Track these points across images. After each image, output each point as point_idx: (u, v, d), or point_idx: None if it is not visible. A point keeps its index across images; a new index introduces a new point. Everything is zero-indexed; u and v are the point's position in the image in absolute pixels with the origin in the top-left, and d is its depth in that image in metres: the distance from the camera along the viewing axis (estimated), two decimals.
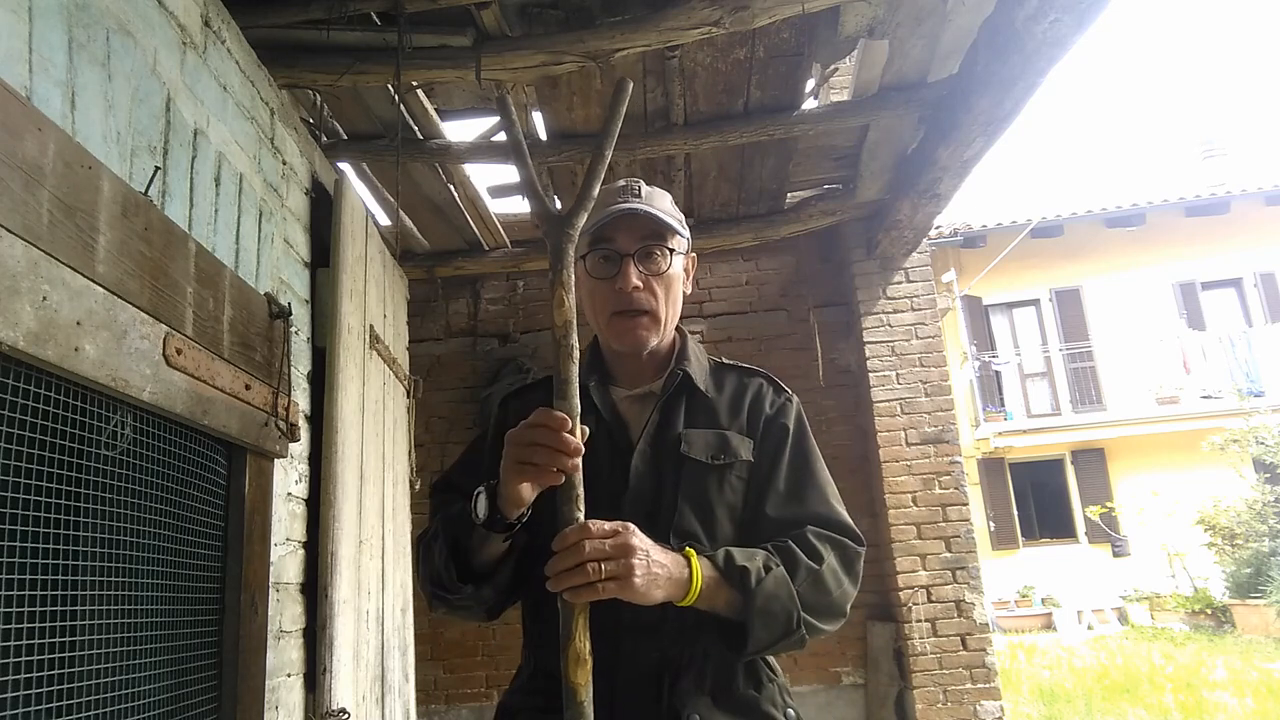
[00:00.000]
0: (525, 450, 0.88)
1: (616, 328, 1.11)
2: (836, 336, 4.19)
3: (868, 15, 2.56)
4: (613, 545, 0.87)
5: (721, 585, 0.95)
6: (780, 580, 0.97)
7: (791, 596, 0.97)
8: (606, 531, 0.88)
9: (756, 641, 0.96)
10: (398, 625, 2.86)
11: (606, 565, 0.86)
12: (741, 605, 0.95)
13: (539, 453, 0.87)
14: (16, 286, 1.05)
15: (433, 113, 3.03)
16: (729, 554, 0.97)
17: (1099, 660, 7.57)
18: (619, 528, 0.89)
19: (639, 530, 0.91)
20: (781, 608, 0.96)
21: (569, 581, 0.86)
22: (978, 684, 3.63)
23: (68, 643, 1.17)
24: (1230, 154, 15.48)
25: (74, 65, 1.31)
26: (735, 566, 0.95)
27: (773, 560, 0.99)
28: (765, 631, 0.96)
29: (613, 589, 0.86)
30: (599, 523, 0.89)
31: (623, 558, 0.87)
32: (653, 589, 0.89)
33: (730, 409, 1.14)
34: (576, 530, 0.87)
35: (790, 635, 0.97)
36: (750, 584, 0.94)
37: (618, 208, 1.08)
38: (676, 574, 0.92)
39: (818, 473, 1.12)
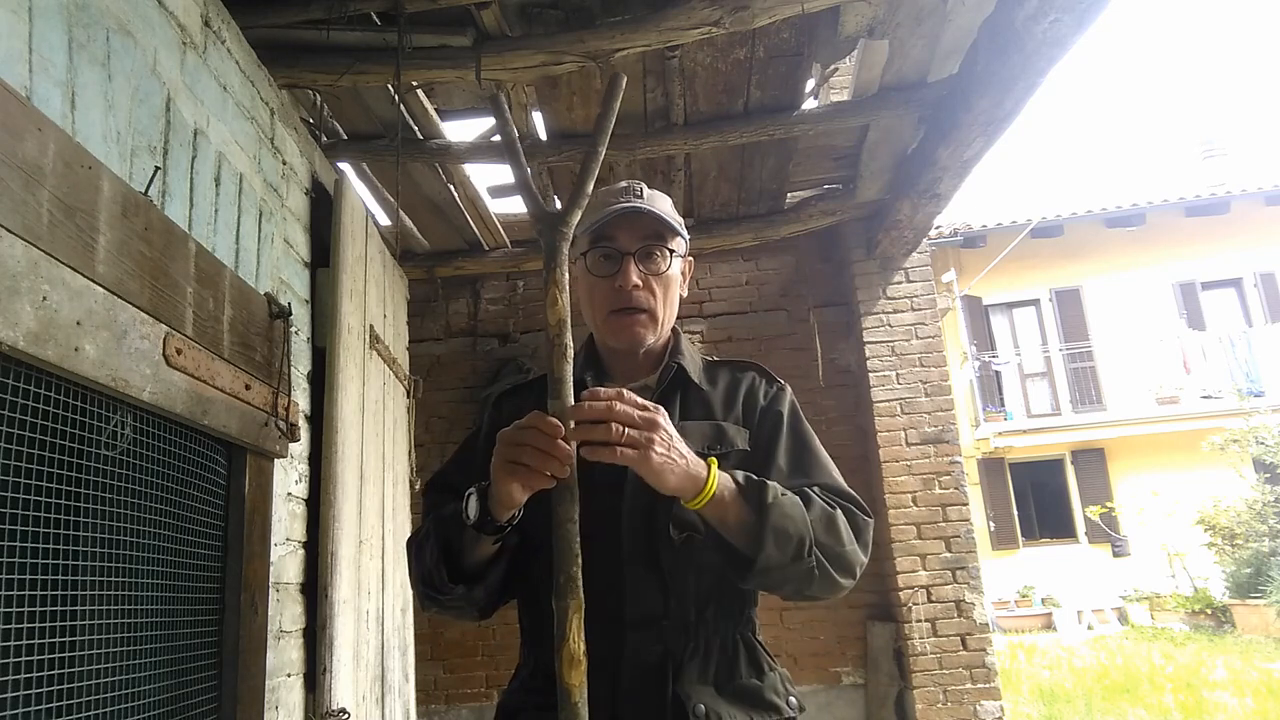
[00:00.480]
0: (516, 451, 0.87)
1: (614, 325, 1.12)
2: (836, 336, 4.18)
3: (868, 15, 2.56)
4: (641, 417, 0.88)
5: (736, 498, 0.94)
6: (796, 504, 0.96)
7: (805, 522, 0.96)
8: (639, 404, 0.88)
9: (767, 558, 0.92)
10: (398, 625, 2.86)
11: (630, 431, 0.86)
12: (755, 520, 0.93)
13: (529, 454, 0.86)
14: (16, 286, 1.05)
15: (433, 113, 3.03)
16: (747, 474, 0.97)
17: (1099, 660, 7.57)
18: (652, 406, 0.90)
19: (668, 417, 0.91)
20: (795, 529, 0.94)
21: (590, 435, 0.86)
22: (978, 684, 3.63)
23: (68, 643, 1.17)
24: (1230, 154, 15.48)
25: (74, 65, 1.31)
26: (753, 482, 0.96)
27: (791, 492, 0.99)
28: (777, 549, 0.93)
29: (630, 456, 0.86)
30: (633, 395, 0.89)
31: (648, 430, 0.87)
32: (667, 473, 0.89)
33: (725, 401, 1.15)
34: (612, 392, 0.88)
35: (800, 561, 0.95)
36: (766, 499, 0.94)
37: (620, 206, 1.09)
38: (695, 469, 0.92)
39: (816, 449, 1.13)
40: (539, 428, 0.86)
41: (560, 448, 0.85)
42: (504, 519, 0.94)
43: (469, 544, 0.98)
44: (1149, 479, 11.90)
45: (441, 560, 1.00)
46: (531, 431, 0.86)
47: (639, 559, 1.03)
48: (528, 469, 0.86)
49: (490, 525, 0.94)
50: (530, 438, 0.86)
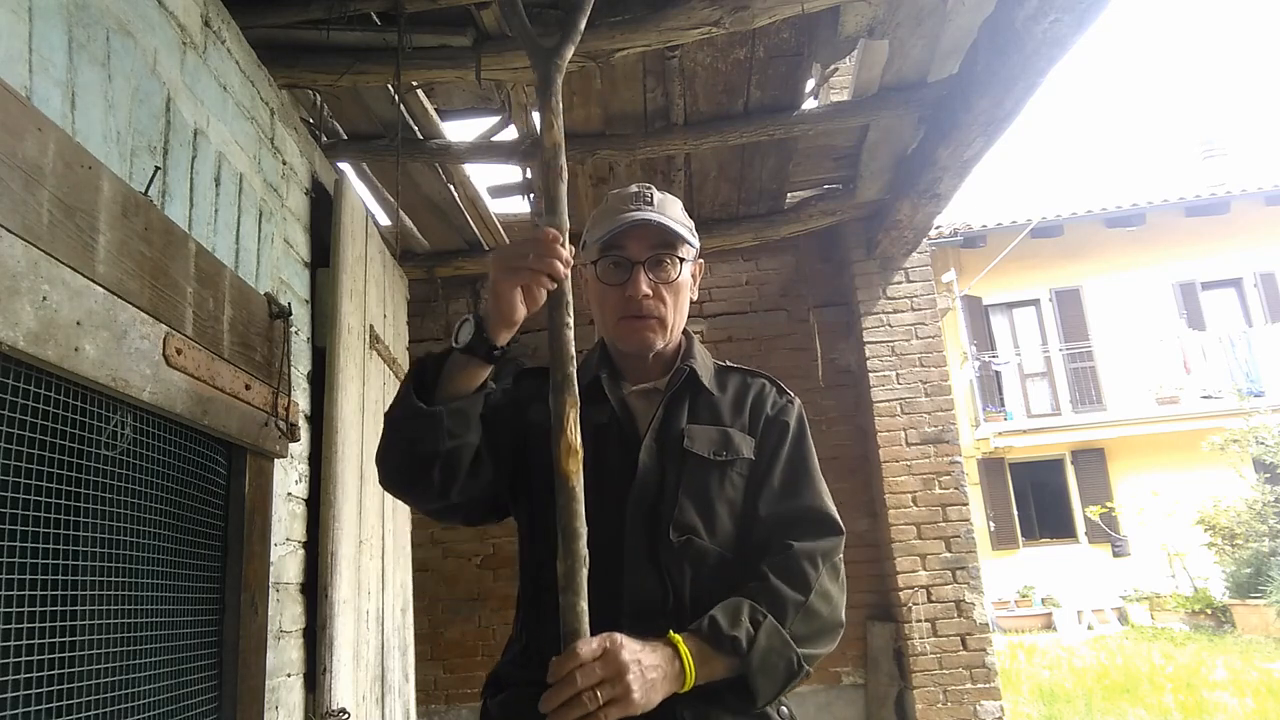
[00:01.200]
0: (516, 257, 0.91)
1: (624, 329, 1.13)
2: (836, 336, 4.18)
3: (868, 15, 2.56)
4: (603, 668, 0.86)
5: (715, 658, 0.95)
6: (772, 631, 0.97)
7: (786, 644, 0.97)
8: (595, 652, 0.87)
9: (764, 697, 0.97)
10: (398, 625, 2.86)
11: (602, 690, 0.86)
12: (740, 669, 0.95)
13: (529, 258, 0.90)
14: (16, 286, 1.05)
15: (433, 113, 3.03)
16: (714, 623, 0.96)
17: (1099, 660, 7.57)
18: (606, 645, 0.88)
19: (623, 639, 0.90)
20: (780, 658, 0.97)
21: (569, 716, 0.85)
22: (978, 684, 3.63)
23: (68, 643, 1.17)
24: (1230, 154, 15.47)
25: (74, 65, 1.31)
26: (725, 637, 0.95)
27: (759, 612, 0.98)
28: (770, 686, 0.97)
29: (614, 712, 0.86)
30: (586, 644, 0.88)
31: (617, 679, 0.86)
32: (652, 695, 0.90)
33: (733, 408, 1.16)
34: (565, 659, 0.87)
35: (794, 678, 0.99)
36: (743, 650, 0.95)
37: (630, 216, 1.10)
38: (670, 671, 0.92)
39: (811, 470, 1.14)
40: (537, 236, 0.92)
41: (558, 250, 0.90)
42: (502, 340, 0.96)
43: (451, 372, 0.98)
44: (1149, 479, 11.89)
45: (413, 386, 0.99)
46: (531, 240, 0.92)
47: (640, 552, 1.04)
48: (530, 271, 0.91)
49: (485, 346, 0.96)
50: (529, 245, 0.91)
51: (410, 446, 0.99)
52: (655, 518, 1.05)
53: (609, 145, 3.18)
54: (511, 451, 1.12)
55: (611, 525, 1.04)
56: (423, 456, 0.99)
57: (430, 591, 3.94)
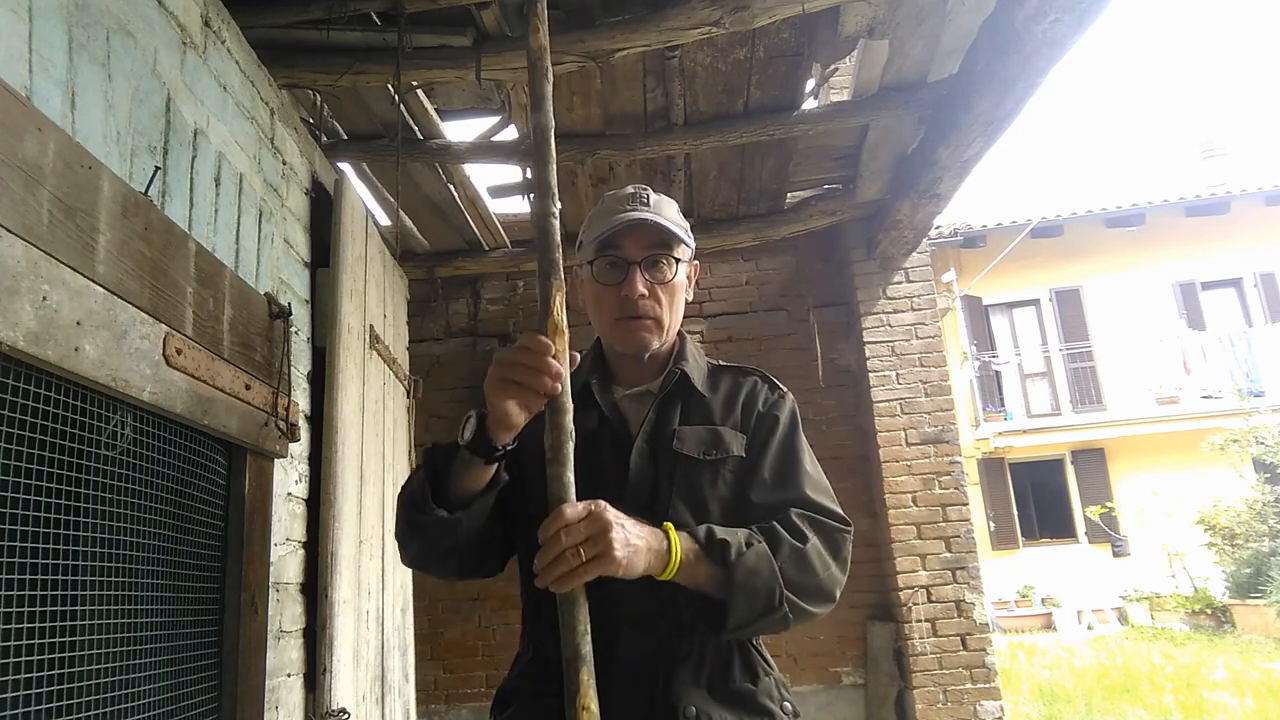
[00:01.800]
0: (508, 369, 0.91)
1: (620, 330, 1.14)
2: (836, 336, 4.18)
3: (868, 15, 2.56)
4: (587, 526, 0.88)
5: (702, 559, 0.95)
6: (762, 555, 0.97)
7: (774, 573, 0.97)
8: (580, 514, 0.89)
9: (737, 617, 0.95)
10: (398, 625, 2.86)
11: (585, 548, 0.87)
12: (723, 579, 0.95)
13: (520, 371, 0.90)
14: (16, 286, 1.05)
15: (433, 113, 3.03)
16: (710, 529, 0.98)
17: (1099, 660, 7.57)
18: (591, 507, 0.90)
19: (610, 506, 0.91)
20: (763, 583, 0.96)
21: (553, 573, 0.87)
22: (978, 684, 3.63)
23: (68, 643, 1.17)
24: (1230, 154, 15.47)
25: (74, 65, 1.31)
26: (715, 540, 0.96)
27: (755, 538, 0.99)
28: (746, 607, 0.95)
29: (595, 568, 0.87)
30: (573, 506, 0.89)
31: (600, 536, 0.88)
32: (634, 560, 0.90)
33: (725, 406, 1.16)
34: (552, 520, 0.88)
35: (772, 612, 0.97)
36: (730, 557, 0.95)
37: (626, 216, 1.10)
38: (656, 545, 0.93)
39: (804, 462, 1.13)
40: (530, 346, 0.90)
41: (550, 364, 0.89)
42: (502, 442, 0.96)
43: (459, 469, 0.99)
44: (1149, 479, 11.89)
45: (427, 483, 1.01)
46: (523, 350, 0.90)
47: None
48: (520, 385, 0.90)
49: (485, 446, 0.96)
50: (522, 356, 0.90)
51: (431, 545, 1.04)
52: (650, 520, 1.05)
53: (609, 145, 3.18)
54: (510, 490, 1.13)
55: None
56: (443, 552, 1.04)
57: (430, 591, 3.94)
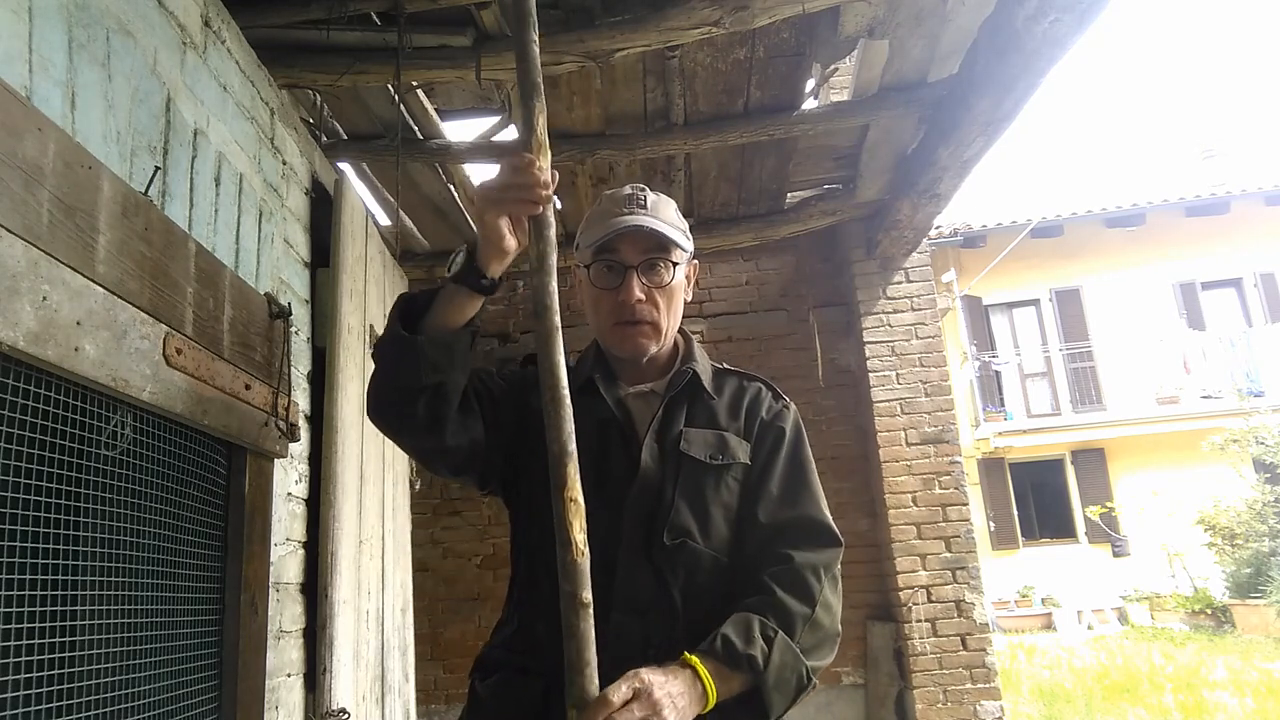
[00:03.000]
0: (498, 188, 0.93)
1: (618, 335, 1.13)
2: (836, 336, 4.18)
3: (868, 15, 2.56)
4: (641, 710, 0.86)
5: (732, 677, 0.96)
6: (784, 647, 0.98)
7: (798, 658, 0.99)
8: (626, 695, 0.87)
9: (777, 712, 0.99)
10: (398, 625, 2.86)
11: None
12: (756, 685, 0.97)
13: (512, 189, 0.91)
14: (16, 286, 1.05)
15: (433, 113, 3.03)
16: (728, 642, 0.97)
17: (1099, 660, 7.57)
18: (636, 686, 0.88)
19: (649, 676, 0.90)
20: (792, 672, 0.99)
21: None
22: (978, 684, 3.63)
23: (68, 643, 1.17)
24: (1230, 154, 15.48)
25: (74, 65, 1.31)
26: (740, 656, 0.96)
27: (770, 627, 0.99)
28: (782, 700, 0.99)
29: None
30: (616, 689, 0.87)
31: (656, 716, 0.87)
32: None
33: (729, 411, 1.16)
34: (597, 707, 0.86)
35: (804, 690, 1.01)
36: (759, 667, 0.96)
37: (623, 221, 1.10)
38: (694, 695, 0.93)
39: (809, 479, 1.14)
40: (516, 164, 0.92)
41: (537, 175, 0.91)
42: (492, 271, 0.97)
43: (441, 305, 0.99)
44: (1149, 479, 11.89)
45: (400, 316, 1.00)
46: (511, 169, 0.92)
47: (635, 551, 1.05)
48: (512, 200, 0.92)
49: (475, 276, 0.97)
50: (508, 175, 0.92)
51: (393, 377, 0.99)
52: (651, 519, 1.06)
53: (609, 145, 3.18)
54: (510, 429, 1.12)
55: (609, 522, 1.04)
56: (406, 389, 0.98)
57: (430, 591, 3.94)
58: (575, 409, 0.94)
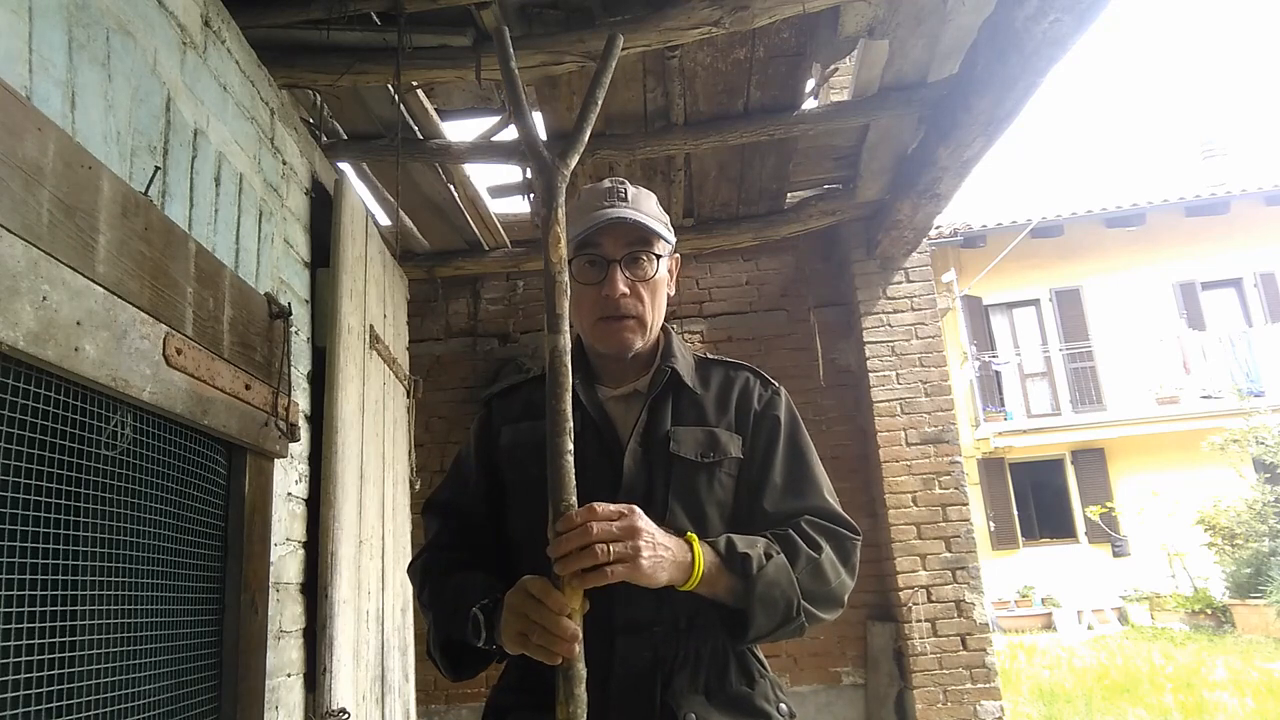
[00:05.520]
0: (524, 624, 0.88)
1: (602, 331, 1.11)
2: (836, 336, 4.18)
3: (868, 15, 2.56)
4: (619, 527, 0.88)
5: (723, 571, 0.96)
6: (781, 567, 0.98)
7: (792, 584, 0.98)
8: (612, 513, 0.88)
9: (757, 628, 0.97)
10: (398, 625, 2.86)
11: (614, 547, 0.86)
12: (743, 591, 0.95)
13: (537, 633, 0.87)
14: (16, 286, 1.05)
15: (433, 113, 3.03)
16: (730, 540, 0.98)
17: (1099, 660, 7.57)
18: (624, 509, 0.89)
19: (643, 513, 0.91)
20: (782, 594, 0.97)
21: (577, 563, 0.85)
22: (978, 684, 3.63)
23: (68, 643, 1.17)
24: (1230, 154, 15.46)
25: (74, 65, 1.31)
26: (737, 553, 0.96)
27: (773, 548, 0.99)
28: (766, 618, 0.97)
29: (621, 572, 0.87)
30: (604, 504, 0.89)
31: (630, 539, 0.87)
32: (658, 571, 0.90)
33: (718, 405, 1.14)
34: (583, 512, 0.87)
35: (790, 622, 0.99)
36: (751, 570, 0.95)
37: (605, 214, 1.08)
38: (680, 557, 0.93)
39: (813, 466, 1.13)
40: (545, 604, 0.86)
41: (565, 628, 0.85)
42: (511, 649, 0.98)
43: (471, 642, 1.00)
44: (1149, 479, 11.89)
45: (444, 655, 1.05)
46: (538, 608, 0.87)
47: None
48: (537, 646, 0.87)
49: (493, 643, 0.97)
50: (537, 615, 0.87)
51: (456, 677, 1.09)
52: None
53: (609, 145, 3.18)
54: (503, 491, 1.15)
55: None
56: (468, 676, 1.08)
57: None
58: None
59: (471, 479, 1.18)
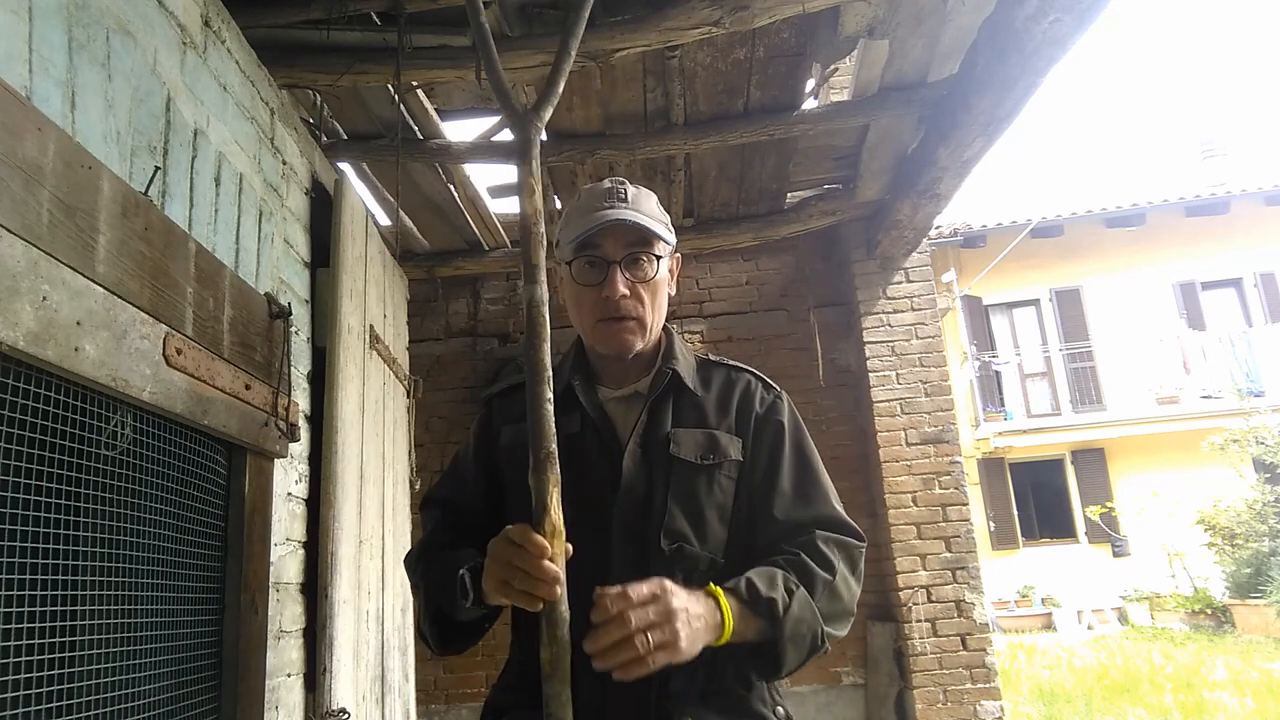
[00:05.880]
0: (507, 571, 0.88)
1: (602, 332, 1.11)
2: (836, 336, 4.18)
3: (868, 15, 2.56)
4: (656, 613, 0.86)
5: (749, 617, 0.96)
6: (804, 603, 0.98)
7: (815, 615, 0.99)
8: (646, 597, 0.87)
9: (789, 665, 0.98)
10: (398, 625, 2.86)
11: (654, 635, 0.85)
12: (772, 635, 0.96)
13: (519, 577, 0.86)
14: (16, 286, 1.05)
15: (433, 113, 3.03)
16: (751, 584, 0.97)
17: (1099, 660, 7.57)
18: (657, 591, 0.88)
19: (672, 585, 0.90)
20: (808, 628, 0.98)
21: (618, 658, 0.84)
22: (978, 684, 3.63)
23: (68, 643, 1.18)
24: (1230, 154, 15.46)
25: (74, 65, 1.31)
26: (761, 598, 0.96)
27: (791, 580, 0.99)
28: (795, 654, 0.98)
29: (662, 658, 0.86)
30: (637, 588, 0.87)
31: (667, 624, 0.86)
32: (695, 645, 0.90)
33: (718, 407, 1.14)
34: (616, 599, 0.86)
35: (815, 651, 1.01)
36: (779, 613, 0.96)
37: (604, 216, 1.08)
38: (711, 620, 0.92)
39: (819, 472, 1.13)
40: (526, 548, 0.86)
41: (546, 571, 0.85)
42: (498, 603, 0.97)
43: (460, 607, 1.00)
44: (1149, 479, 11.89)
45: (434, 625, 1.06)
46: (520, 553, 0.86)
47: (628, 564, 1.03)
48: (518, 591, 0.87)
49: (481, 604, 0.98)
50: (519, 559, 0.86)
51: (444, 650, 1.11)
52: (644, 526, 1.04)
53: (609, 145, 3.18)
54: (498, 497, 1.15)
55: (596, 536, 1.03)
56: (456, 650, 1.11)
57: None
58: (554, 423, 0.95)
59: (470, 478, 1.18)
